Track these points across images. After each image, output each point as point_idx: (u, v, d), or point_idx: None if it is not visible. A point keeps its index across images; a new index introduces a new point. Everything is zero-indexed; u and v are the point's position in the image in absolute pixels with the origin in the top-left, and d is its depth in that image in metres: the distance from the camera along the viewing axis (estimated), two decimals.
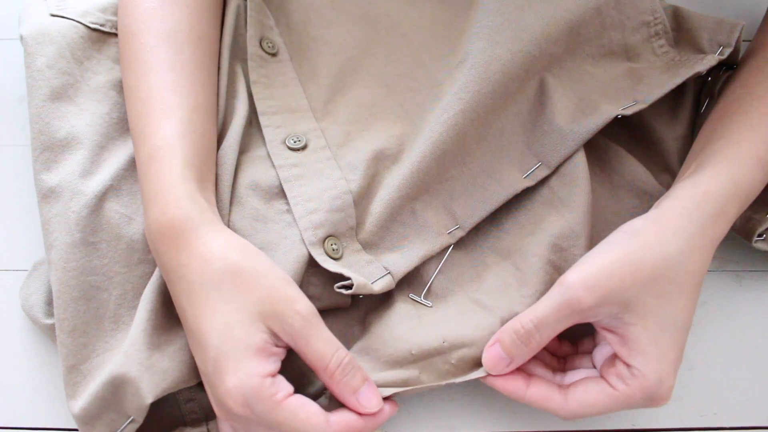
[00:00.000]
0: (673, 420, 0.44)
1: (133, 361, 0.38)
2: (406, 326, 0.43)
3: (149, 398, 0.38)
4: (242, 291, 0.36)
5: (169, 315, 0.40)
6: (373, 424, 0.37)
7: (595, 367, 0.40)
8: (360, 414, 0.37)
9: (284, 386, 0.35)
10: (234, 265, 0.37)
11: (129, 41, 0.44)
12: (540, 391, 0.39)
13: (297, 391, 0.36)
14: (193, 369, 0.40)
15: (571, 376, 0.40)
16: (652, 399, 0.37)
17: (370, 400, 0.37)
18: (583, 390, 0.38)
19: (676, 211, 0.39)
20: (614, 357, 0.38)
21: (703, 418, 0.44)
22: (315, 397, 0.39)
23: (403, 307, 0.43)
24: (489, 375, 0.40)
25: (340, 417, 0.36)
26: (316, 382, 0.42)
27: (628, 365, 0.37)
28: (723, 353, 0.46)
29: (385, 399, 0.38)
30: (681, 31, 0.48)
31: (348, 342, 0.42)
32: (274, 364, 0.36)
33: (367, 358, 0.41)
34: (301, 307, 0.36)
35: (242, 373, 0.35)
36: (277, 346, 0.36)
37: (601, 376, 0.39)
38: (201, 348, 0.36)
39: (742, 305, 0.47)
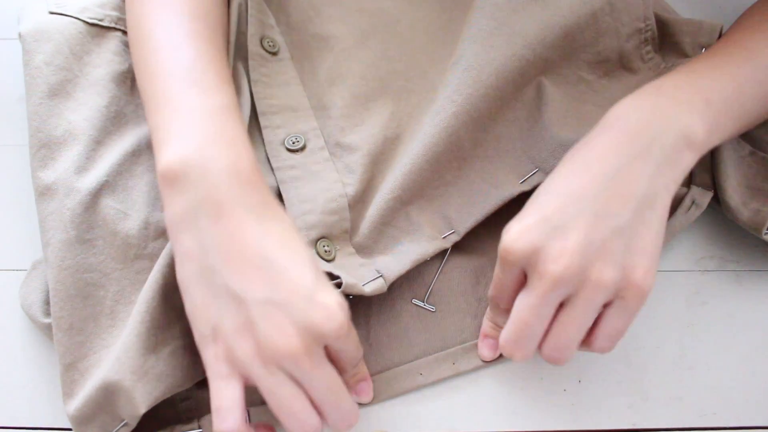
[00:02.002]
0: (672, 420, 0.44)
1: (126, 369, 0.38)
2: (412, 330, 0.43)
3: (142, 408, 0.38)
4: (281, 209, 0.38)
5: (168, 311, 0.40)
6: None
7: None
8: None
9: None
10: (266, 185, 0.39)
11: (157, 8, 0.42)
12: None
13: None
14: (188, 372, 0.40)
15: None
16: (504, 247, 0.37)
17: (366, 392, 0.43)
18: None
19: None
20: None
21: (703, 418, 0.44)
22: None
23: (408, 310, 0.44)
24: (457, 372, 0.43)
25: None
26: None
27: None
28: (723, 353, 0.45)
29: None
30: (664, 37, 0.48)
31: None
32: None
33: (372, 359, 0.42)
34: (334, 314, 0.38)
35: (336, 292, 0.36)
36: None
37: None
38: (290, 273, 0.35)
39: (742, 305, 0.47)
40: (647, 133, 0.38)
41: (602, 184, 0.37)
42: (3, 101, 0.53)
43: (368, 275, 0.42)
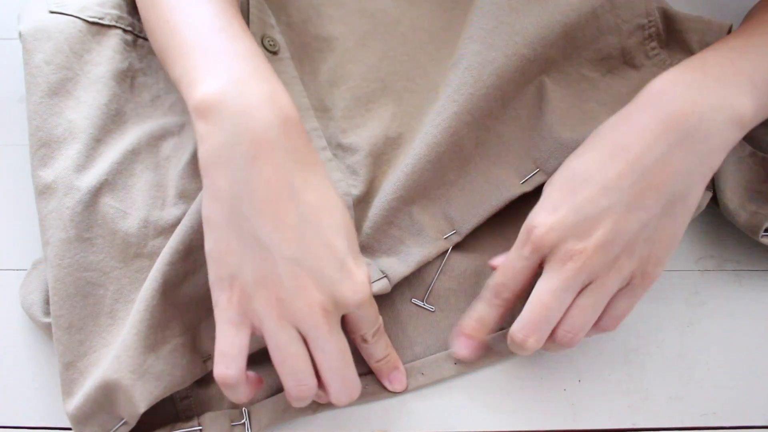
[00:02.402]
0: (672, 419, 0.44)
1: (126, 368, 0.38)
2: (412, 330, 0.43)
3: (142, 407, 0.38)
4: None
5: (167, 309, 0.40)
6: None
7: None
8: None
9: None
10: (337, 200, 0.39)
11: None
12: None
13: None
14: (187, 371, 0.40)
15: None
16: (527, 231, 0.38)
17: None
18: None
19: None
20: None
21: (703, 418, 0.44)
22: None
23: (408, 310, 0.45)
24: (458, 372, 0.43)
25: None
26: None
27: None
28: (723, 352, 0.45)
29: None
30: (670, 33, 0.48)
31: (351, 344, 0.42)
32: None
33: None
34: (360, 284, 0.39)
35: (364, 262, 0.38)
36: None
37: None
38: (327, 238, 0.36)
39: (742, 305, 0.47)
40: (693, 116, 0.36)
41: (639, 174, 0.36)
42: (3, 101, 0.53)
43: (373, 275, 0.42)
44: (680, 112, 0.36)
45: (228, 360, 0.35)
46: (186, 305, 0.41)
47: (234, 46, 0.38)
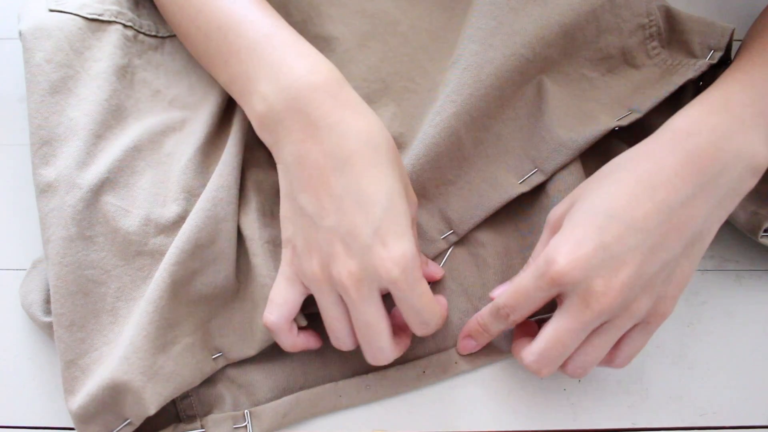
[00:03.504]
0: (672, 419, 0.44)
1: (136, 369, 0.38)
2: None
3: (152, 409, 0.38)
4: (399, 167, 0.39)
5: (177, 309, 0.40)
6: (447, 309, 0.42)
7: None
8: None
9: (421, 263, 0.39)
10: (392, 143, 0.39)
11: None
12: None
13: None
14: (196, 371, 0.41)
15: None
16: (547, 265, 0.36)
17: (435, 268, 0.45)
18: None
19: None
20: None
21: (703, 418, 0.44)
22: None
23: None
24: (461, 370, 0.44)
25: (441, 303, 0.42)
26: None
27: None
28: (723, 353, 0.46)
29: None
30: (672, 33, 0.48)
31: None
32: None
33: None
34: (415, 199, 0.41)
35: (409, 239, 0.37)
36: None
37: None
38: (360, 208, 0.36)
39: (742, 305, 0.47)
40: (718, 162, 0.37)
41: (665, 216, 0.36)
42: (3, 101, 0.52)
43: None
44: (706, 156, 0.37)
45: (273, 307, 0.39)
46: (195, 304, 0.41)
47: (301, 47, 0.41)
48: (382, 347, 0.39)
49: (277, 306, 0.39)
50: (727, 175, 0.37)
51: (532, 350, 0.38)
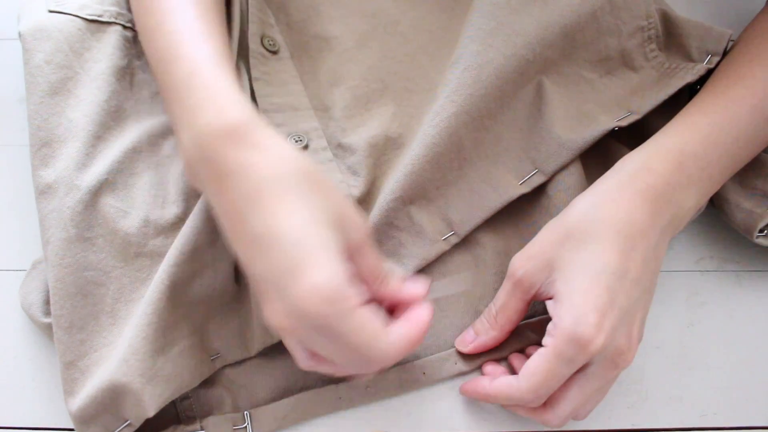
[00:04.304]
0: (673, 420, 0.44)
1: (135, 371, 0.38)
2: None
3: (151, 410, 0.38)
4: (318, 194, 0.35)
5: (176, 311, 0.40)
6: (423, 331, 0.37)
7: None
8: (410, 302, 0.38)
9: (359, 291, 0.34)
10: (309, 168, 0.35)
11: None
12: (501, 380, 0.40)
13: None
14: (195, 372, 0.41)
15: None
16: (578, 341, 0.36)
17: (416, 286, 0.38)
18: (527, 362, 0.38)
19: (600, 178, 0.41)
20: None
21: (703, 418, 0.44)
22: None
23: None
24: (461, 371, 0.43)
25: (397, 333, 0.36)
26: None
27: (552, 319, 0.38)
28: (723, 353, 0.46)
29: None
30: (670, 36, 0.48)
31: None
32: (350, 267, 0.35)
33: None
34: (364, 222, 0.37)
35: (328, 269, 0.33)
36: None
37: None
38: (271, 249, 0.33)
39: (742, 305, 0.47)
40: (670, 212, 0.40)
41: (647, 263, 0.38)
42: (3, 101, 0.52)
43: None
44: (663, 206, 0.39)
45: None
46: (193, 306, 0.41)
47: (216, 88, 0.38)
48: (360, 369, 0.36)
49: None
50: (681, 220, 0.41)
51: (558, 414, 0.39)
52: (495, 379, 0.40)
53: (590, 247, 0.38)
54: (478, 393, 0.41)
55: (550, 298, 0.39)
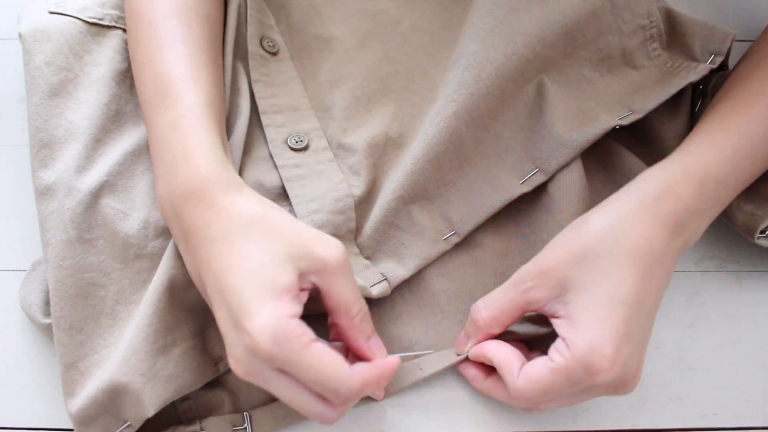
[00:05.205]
0: (673, 420, 0.44)
1: (135, 371, 0.38)
2: (412, 331, 0.43)
3: (151, 411, 0.38)
4: (270, 236, 0.36)
5: (176, 313, 0.40)
6: (386, 376, 0.37)
7: None
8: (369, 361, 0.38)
9: (309, 330, 0.35)
10: (259, 215, 0.37)
11: (136, 21, 0.43)
12: (508, 355, 0.39)
13: None
14: (198, 373, 0.40)
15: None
16: (589, 370, 0.36)
17: (380, 348, 0.39)
18: (531, 364, 0.38)
19: (618, 194, 0.40)
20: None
21: (703, 419, 0.44)
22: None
23: (408, 311, 0.44)
24: (458, 360, 0.43)
25: (359, 368, 0.36)
26: None
27: (564, 340, 0.37)
28: (723, 353, 0.45)
29: None
30: (673, 35, 0.48)
31: None
32: (299, 307, 0.35)
33: None
34: (335, 245, 0.36)
35: (270, 311, 0.34)
36: (302, 289, 0.36)
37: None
38: (224, 299, 0.35)
39: (742, 305, 0.47)
40: (688, 232, 0.40)
41: (658, 291, 0.38)
42: (3, 101, 0.52)
43: (373, 278, 0.42)
44: (682, 232, 0.39)
45: None
46: (194, 308, 0.41)
47: (163, 120, 0.40)
48: (316, 413, 0.36)
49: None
50: (687, 245, 0.41)
51: (535, 406, 0.39)
52: (492, 375, 0.41)
53: (608, 272, 0.37)
54: (469, 376, 0.42)
55: (555, 317, 0.38)
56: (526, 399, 0.38)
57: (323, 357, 0.34)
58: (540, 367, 0.37)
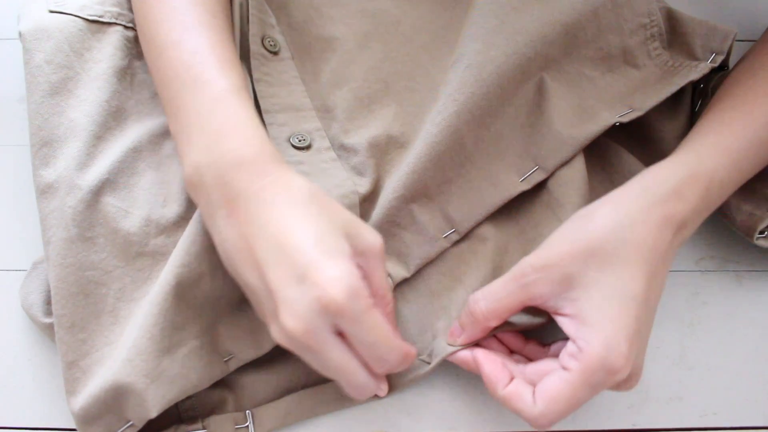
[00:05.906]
0: (673, 420, 0.44)
1: (139, 371, 0.38)
2: (413, 329, 0.44)
3: (154, 411, 0.38)
4: (328, 211, 0.37)
5: (183, 311, 0.40)
6: (411, 359, 0.38)
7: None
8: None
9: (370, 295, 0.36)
10: (316, 191, 0.37)
11: (158, 4, 0.43)
12: (515, 387, 0.38)
13: None
14: (203, 374, 0.40)
15: (533, 367, 0.39)
16: (608, 370, 0.35)
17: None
18: (545, 382, 0.37)
19: (623, 190, 0.40)
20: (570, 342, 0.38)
21: (703, 418, 0.44)
22: None
23: (409, 309, 0.44)
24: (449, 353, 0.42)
25: (401, 341, 0.37)
26: None
27: (575, 341, 0.37)
28: (723, 353, 0.46)
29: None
30: (674, 35, 0.48)
31: None
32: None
33: None
34: (377, 234, 0.38)
35: (344, 266, 0.34)
36: None
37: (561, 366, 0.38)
38: (287, 256, 0.35)
39: (742, 305, 0.47)
40: (688, 231, 0.40)
41: (660, 288, 0.39)
42: (3, 101, 0.52)
43: None
44: (684, 231, 0.40)
45: None
46: (203, 306, 0.41)
47: (204, 96, 0.40)
48: (360, 384, 0.37)
49: None
50: (684, 242, 0.41)
51: (545, 414, 0.37)
52: (512, 383, 0.39)
53: (618, 270, 0.37)
54: (491, 378, 0.39)
55: (561, 314, 0.38)
56: (551, 422, 0.36)
57: (383, 322, 0.35)
58: (556, 381, 0.36)
